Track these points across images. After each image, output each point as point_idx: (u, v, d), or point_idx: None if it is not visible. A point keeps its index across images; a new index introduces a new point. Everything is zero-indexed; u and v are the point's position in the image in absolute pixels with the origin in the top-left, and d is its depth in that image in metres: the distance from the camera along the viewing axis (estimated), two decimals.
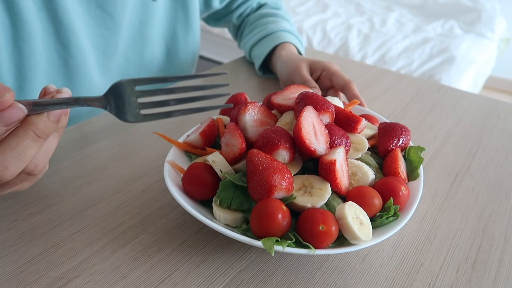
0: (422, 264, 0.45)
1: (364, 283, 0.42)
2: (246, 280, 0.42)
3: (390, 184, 0.44)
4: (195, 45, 0.90)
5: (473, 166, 0.61)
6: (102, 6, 0.70)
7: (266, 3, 0.96)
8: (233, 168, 0.46)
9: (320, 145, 0.43)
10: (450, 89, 0.86)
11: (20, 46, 0.63)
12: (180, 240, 0.46)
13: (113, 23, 0.73)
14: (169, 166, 0.48)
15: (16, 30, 0.62)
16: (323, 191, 0.42)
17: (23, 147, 0.34)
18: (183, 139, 0.54)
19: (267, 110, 0.50)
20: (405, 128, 0.51)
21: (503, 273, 0.44)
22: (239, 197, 0.43)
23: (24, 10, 0.61)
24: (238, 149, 0.45)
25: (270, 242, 0.38)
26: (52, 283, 0.40)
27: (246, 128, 0.47)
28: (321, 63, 0.73)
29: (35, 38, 0.64)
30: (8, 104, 0.33)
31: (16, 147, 0.34)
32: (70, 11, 0.66)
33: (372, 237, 0.40)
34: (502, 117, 0.76)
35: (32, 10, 0.62)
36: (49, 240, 0.45)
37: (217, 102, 0.61)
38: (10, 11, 0.60)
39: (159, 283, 0.41)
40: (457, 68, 1.92)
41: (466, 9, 2.42)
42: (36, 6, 0.63)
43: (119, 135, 0.64)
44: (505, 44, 2.47)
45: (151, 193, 0.53)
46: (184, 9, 0.84)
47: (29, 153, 0.35)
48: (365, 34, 2.20)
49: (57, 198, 0.51)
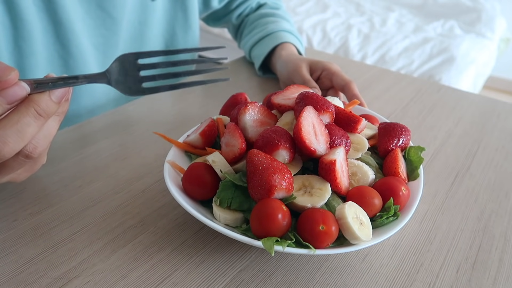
0: (422, 264, 0.45)
1: (364, 283, 0.42)
2: (246, 280, 0.42)
3: (390, 184, 0.44)
4: (194, 45, 0.90)
5: (473, 166, 0.61)
6: (102, 7, 0.70)
7: (266, 3, 0.96)
8: (233, 168, 0.46)
9: (320, 145, 0.43)
10: (450, 89, 0.86)
11: (20, 46, 0.63)
12: (180, 240, 0.46)
13: (113, 23, 0.73)
14: (169, 166, 0.48)
15: (17, 30, 0.62)
16: (323, 191, 0.42)
17: (23, 123, 0.34)
18: (183, 139, 0.54)
19: (267, 110, 0.49)
20: (405, 128, 0.51)
21: (503, 273, 0.44)
22: (239, 197, 0.43)
23: (24, 10, 0.61)
24: (238, 149, 0.45)
25: (270, 242, 0.38)
26: (52, 283, 0.40)
27: (246, 128, 0.47)
28: (321, 63, 0.73)
29: (35, 38, 0.64)
30: (12, 82, 0.33)
31: (17, 123, 0.34)
32: (70, 12, 0.66)
33: (372, 237, 0.40)
34: (502, 117, 0.76)
35: (32, 10, 0.62)
36: (49, 240, 0.45)
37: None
38: (10, 11, 0.60)
39: (159, 283, 0.41)
40: (457, 68, 1.92)
41: (466, 9, 2.42)
42: (36, 7, 0.63)
43: (119, 135, 0.64)
44: (505, 44, 2.47)
45: (151, 193, 0.53)
46: (183, 9, 0.84)
47: (29, 131, 0.35)
48: (365, 34, 2.20)
49: (57, 198, 0.51)
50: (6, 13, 0.60)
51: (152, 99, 0.76)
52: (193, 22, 0.86)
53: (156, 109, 0.73)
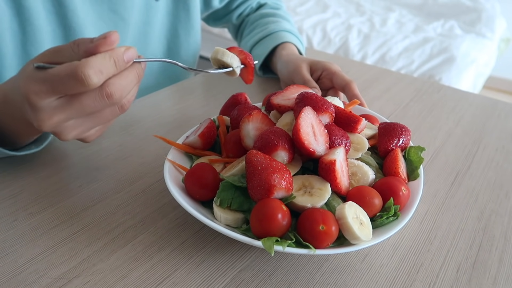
0: (422, 264, 0.45)
1: (364, 283, 0.42)
2: (246, 280, 0.42)
3: (390, 184, 0.44)
4: (196, 45, 0.90)
5: (473, 166, 0.61)
6: (114, 9, 0.70)
7: (266, 3, 0.96)
8: (231, 174, 0.45)
9: (319, 145, 0.43)
10: (450, 89, 0.86)
11: (28, 50, 0.64)
12: (180, 240, 0.46)
13: (124, 25, 0.73)
14: (169, 166, 0.48)
15: (25, 35, 0.62)
16: (323, 191, 0.42)
17: (129, 80, 0.43)
18: (183, 139, 0.54)
19: (268, 118, 0.49)
20: (405, 128, 0.51)
21: (503, 273, 0.44)
22: (239, 198, 0.43)
23: (34, 15, 0.61)
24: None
25: (270, 242, 0.38)
26: (52, 283, 0.40)
27: (249, 137, 0.47)
28: (322, 63, 0.73)
29: (43, 42, 0.64)
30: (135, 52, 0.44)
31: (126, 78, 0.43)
32: (80, 16, 0.66)
33: (372, 237, 0.40)
34: (502, 117, 0.76)
35: (42, 15, 0.63)
36: (49, 240, 0.45)
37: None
38: (19, 15, 0.61)
39: (159, 283, 0.41)
40: (457, 68, 1.92)
41: (466, 9, 2.42)
42: (46, 11, 0.63)
43: (119, 135, 0.64)
44: (505, 44, 2.47)
45: (151, 193, 0.53)
46: (185, 9, 0.84)
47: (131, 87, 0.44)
48: (365, 34, 2.20)
49: (57, 198, 0.51)
50: (15, 17, 0.60)
51: (152, 99, 0.76)
52: (195, 22, 0.87)
53: (156, 109, 0.73)
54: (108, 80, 0.42)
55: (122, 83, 0.42)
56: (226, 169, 0.48)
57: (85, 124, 0.45)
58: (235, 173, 0.45)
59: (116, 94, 0.42)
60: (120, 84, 0.42)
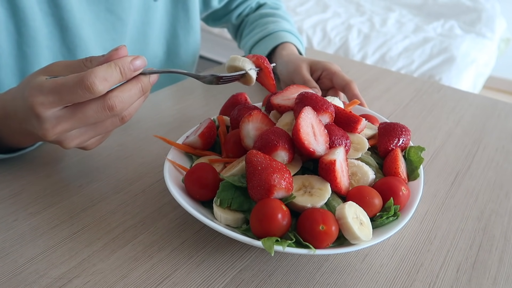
0: (422, 264, 0.45)
1: (364, 283, 0.42)
2: (246, 280, 0.42)
3: (390, 184, 0.44)
4: (196, 45, 0.90)
5: (473, 166, 0.61)
6: (111, 10, 0.70)
7: (266, 3, 0.96)
8: (231, 174, 0.45)
9: (319, 145, 0.43)
10: (450, 89, 0.86)
11: (25, 51, 0.63)
12: (180, 240, 0.46)
13: (121, 25, 0.73)
14: (169, 166, 0.48)
15: (20, 36, 0.62)
16: (323, 191, 0.42)
17: (133, 93, 0.45)
18: (183, 139, 0.54)
19: (268, 118, 0.49)
20: (405, 128, 0.51)
21: (503, 273, 0.44)
22: (239, 198, 0.43)
23: (30, 16, 0.61)
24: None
25: (270, 242, 0.38)
26: (52, 283, 0.40)
27: (249, 137, 0.47)
28: (322, 63, 0.73)
29: (39, 43, 0.64)
30: (144, 61, 0.45)
31: (129, 90, 0.45)
32: (77, 17, 0.66)
33: (372, 237, 0.40)
34: (502, 117, 0.76)
35: (38, 16, 0.62)
36: (49, 240, 0.45)
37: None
38: (15, 16, 0.61)
39: (159, 283, 0.41)
40: (457, 68, 1.92)
41: (466, 9, 2.42)
42: (42, 12, 0.63)
43: (119, 135, 0.64)
44: (505, 44, 2.47)
45: (151, 193, 0.53)
46: (184, 9, 0.84)
47: (133, 99, 0.45)
48: (365, 34, 2.20)
49: (57, 198, 0.51)
50: (10, 18, 0.60)
51: (152, 100, 0.76)
52: (194, 22, 0.86)
53: (156, 109, 0.73)
54: (111, 92, 0.43)
55: (125, 96, 0.44)
56: (226, 169, 0.48)
57: (87, 134, 0.47)
58: (235, 173, 0.45)
59: (118, 107, 0.44)
60: (122, 97, 0.44)
